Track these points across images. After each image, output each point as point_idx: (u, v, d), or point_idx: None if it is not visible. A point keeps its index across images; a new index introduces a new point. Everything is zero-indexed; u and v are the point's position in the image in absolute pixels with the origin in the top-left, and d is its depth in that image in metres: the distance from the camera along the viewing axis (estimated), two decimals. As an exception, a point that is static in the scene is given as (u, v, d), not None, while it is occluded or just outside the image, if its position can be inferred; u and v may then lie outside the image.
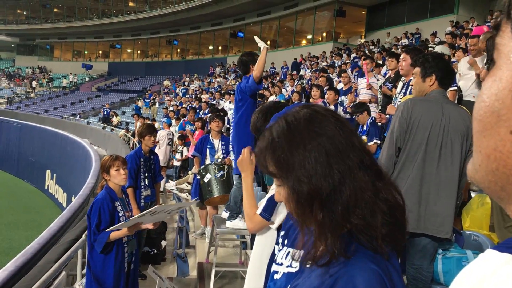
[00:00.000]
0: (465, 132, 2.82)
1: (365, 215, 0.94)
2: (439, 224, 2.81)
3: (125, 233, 3.37)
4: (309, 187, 0.95)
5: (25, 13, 46.19)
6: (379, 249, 0.93)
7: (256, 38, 4.74)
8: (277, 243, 1.64)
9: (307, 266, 1.03)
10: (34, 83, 42.52)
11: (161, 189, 9.55)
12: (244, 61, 4.76)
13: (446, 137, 2.79)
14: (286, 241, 1.54)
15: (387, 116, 5.36)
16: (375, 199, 0.95)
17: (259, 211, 2.15)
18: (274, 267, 1.54)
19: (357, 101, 7.58)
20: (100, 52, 45.70)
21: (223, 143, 6.62)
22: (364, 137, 6.22)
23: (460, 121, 2.82)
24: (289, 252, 1.50)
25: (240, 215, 4.63)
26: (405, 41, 19.05)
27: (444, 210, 2.80)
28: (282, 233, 1.61)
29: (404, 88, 4.63)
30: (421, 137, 2.80)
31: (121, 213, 3.54)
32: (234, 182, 4.92)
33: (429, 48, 10.78)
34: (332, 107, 7.48)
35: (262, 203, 2.18)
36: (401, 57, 4.58)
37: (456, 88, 5.44)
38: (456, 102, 5.29)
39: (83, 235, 4.28)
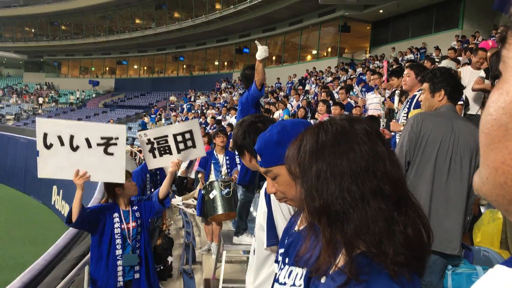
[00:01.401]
0: (474, 148, 2.81)
1: (376, 242, 0.92)
2: (448, 240, 2.78)
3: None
4: (319, 202, 0.95)
5: (33, 30, 46.78)
6: (395, 274, 0.91)
7: (256, 41, 4.72)
8: (276, 261, 1.60)
9: (322, 281, 1.02)
10: (40, 100, 42.89)
11: (168, 205, 9.55)
12: (248, 75, 4.78)
13: (456, 152, 2.77)
14: (287, 260, 1.50)
15: (392, 133, 5.36)
16: (388, 230, 0.93)
17: (264, 245, 2.10)
18: (276, 287, 1.52)
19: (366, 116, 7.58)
20: (107, 68, 46.11)
21: (227, 158, 6.62)
22: None
23: (469, 136, 2.81)
24: (291, 271, 1.46)
25: (246, 231, 4.61)
26: (410, 56, 19.10)
27: (452, 226, 2.78)
28: (281, 250, 1.56)
29: (408, 104, 4.63)
30: (430, 152, 2.79)
31: (116, 225, 3.58)
32: (239, 198, 4.91)
33: (436, 63, 10.80)
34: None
35: (261, 233, 2.14)
36: (405, 72, 4.59)
37: (462, 102, 5.44)
38: (462, 115, 5.29)
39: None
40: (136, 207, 3.72)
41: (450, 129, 2.81)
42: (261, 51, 4.49)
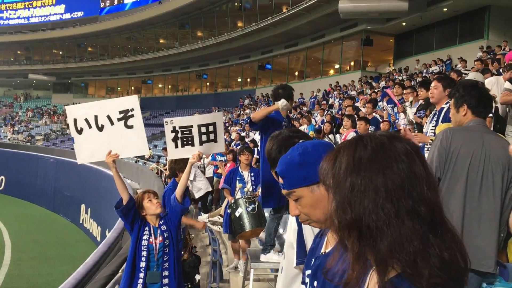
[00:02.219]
0: (506, 163, 2.74)
1: (411, 262, 0.90)
2: (482, 258, 2.70)
3: None
4: (351, 215, 0.94)
5: (61, 52, 48.09)
6: None
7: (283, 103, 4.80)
8: (303, 283, 1.58)
9: None
10: (68, 120, 43.80)
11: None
12: (281, 94, 4.82)
13: (487, 168, 2.71)
14: (316, 283, 1.47)
15: (420, 144, 5.27)
16: (424, 251, 0.90)
17: (294, 263, 2.09)
18: None
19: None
20: (133, 88, 46.95)
21: (252, 174, 6.64)
22: None
23: (501, 151, 2.74)
24: None
25: (274, 248, 4.59)
26: (435, 68, 18.88)
27: (486, 243, 2.70)
28: (308, 272, 1.55)
29: (436, 117, 4.55)
30: (461, 167, 2.73)
31: (145, 237, 3.70)
32: (267, 215, 4.89)
33: (463, 75, 10.63)
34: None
35: (291, 251, 2.12)
36: (432, 84, 4.53)
37: (491, 115, 5.33)
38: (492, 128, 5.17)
39: (120, 271, 4.31)
40: (163, 221, 3.79)
41: (480, 144, 2.75)
42: (283, 105, 4.66)
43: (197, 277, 5.97)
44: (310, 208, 1.47)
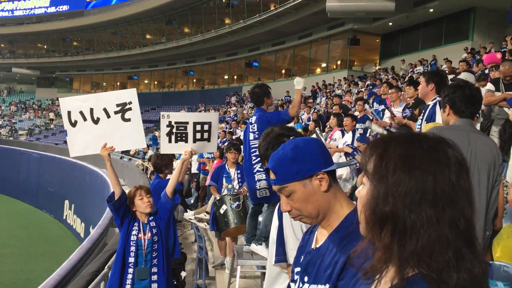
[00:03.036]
0: (492, 162, 2.77)
1: (439, 269, 0.90)
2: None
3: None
4: (391, 208, 0.93)
5: (45, 47, 47.46)
6: None
7: (297, 79, 4.82)
8: (292, 281, 1.59)
9: None
10: (51, 115, 43.35)
11: (179, 218, 9.55)
12: (258, 93, 4.85)
13: (473, 167, 2.74)
14: (306, 278, 1.50)
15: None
16: (456, 263, 0.90)
17: (273, 261, 2.10)
18: None
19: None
20: (118, 83, 46.54)
21: (238, 172, 6.66)
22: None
23: (487, 150, 2.78)
24: None
25: (257, 239, 4.59)
26: (420, 68, 19.06)
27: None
28: (297, 269, 1.57)
29: (422, 115, 4.57)
30: (447, 166, 2.75)
31: (134, 232, 3.70)
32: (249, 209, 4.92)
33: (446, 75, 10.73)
34: (350, 134, 7.46)
35: (272, 248, 2.13)
36: (420, 80, 4.58)
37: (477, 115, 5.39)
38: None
39: (106, 267, 4.28)
40: (152, 218, 3.78)
41: (467, 143, 2.78)
42: (299, 83, 4.72)
43: (183, 274, 5.95)
44: (302, 203, 1.48)
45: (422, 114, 4.47)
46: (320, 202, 1.48)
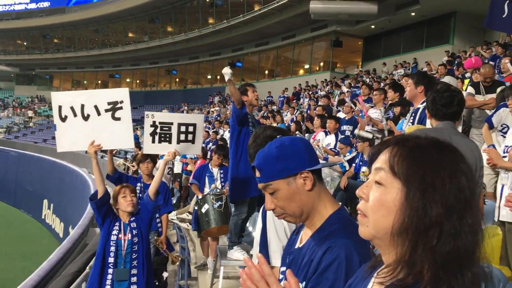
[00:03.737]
0: (473, 164, 2.81)
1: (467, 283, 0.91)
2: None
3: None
4: (437, 211, 0.92)
5: (25, 43, 46.72)
6: None
7: (225, 70, 4.82)
8: (279, 280, 1.60)
9: None
10: (30, 113, 42.67)
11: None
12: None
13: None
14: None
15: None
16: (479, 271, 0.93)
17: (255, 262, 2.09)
18: None
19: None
20: (99, 81, 46.04)
21: (221, 171, 6.66)
22: (365, 168, 6.21)
23: (469, 152, 2.82)
24: None
25: (236, 245, 4.60)
26: (401, 71, 19.28)
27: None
28: (283, 269, 1.59)
29: (412, 117, 4.57)
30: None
31: (114, 232, 3.67)
32: (232, 215, 4.90)
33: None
34: (333, 136, 7.51)
35: (256, 250, 2.13)
36: (404, 81, 4.61)
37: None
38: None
39: (87, 267, 4.22)
40: (134, 218, 3.74)
41: (449, 145, 2.81)
42: (226, 74, 4.65)
43: (165, 274, 5.91)
44: (286, 201, 1.48)
45: (411, 117, 4.47)
46: (304, 201, 1.48)
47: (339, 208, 1.52)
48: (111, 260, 3.61)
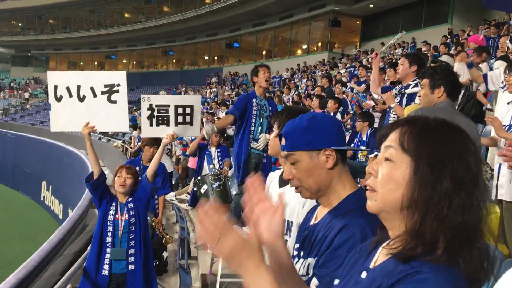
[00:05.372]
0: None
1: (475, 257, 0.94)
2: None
3: None
4: (446, 186, 0.94)
5: (20, 24, 46.20)
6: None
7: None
8: (292, 257, 1.61)
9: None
10: (26, 95, 42.43)
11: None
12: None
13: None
14: (302, 253, 1.54)
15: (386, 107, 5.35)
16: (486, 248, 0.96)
17: None
18: None
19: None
20: (96, 63, 45.71)
21: (218, 150, 6.69)
22: (363, 148, 6.22)
23: (469, 131, 2.82)
24: (309, 264, 1.48)
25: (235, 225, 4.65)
26: (399, 51, 19.15)
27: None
28: (297, 245, 1.61)
29: (401, 96, 4.60)
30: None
31: (111, 212, 3.70)
32: (233, 196, 4.95)
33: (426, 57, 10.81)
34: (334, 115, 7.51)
35: None
36: (400, 61, 4.62)
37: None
38: None
39: (89, 247, 4.25)
40: (131, 199, 3.76)
41: (450, 124, 2.82)
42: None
43: (165, 254, 5.97)
44: (305, 174, 1.50)
45: (399, 94, 4.51)
46: (322, 178, 1.49)
47: (358, 189, 1.54)
48: (108, 240, 3.65)
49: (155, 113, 3.68)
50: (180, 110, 3.69)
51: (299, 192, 1.56)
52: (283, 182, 2.11)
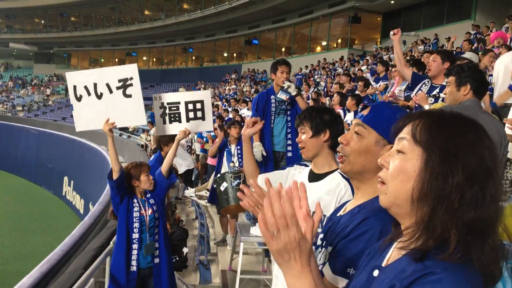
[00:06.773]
0: (498, 141, 2.78)
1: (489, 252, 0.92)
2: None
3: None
4: (457, 179, 0.92)
5: (43, 22, 46.92)
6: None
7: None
8: (314, 244, 1.61)
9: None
10: (48, 91, 43.11)
11: (180, 195, 9.59)
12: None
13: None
14: (324, 243, 1.55)
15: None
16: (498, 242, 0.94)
17: None
18: None
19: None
20: (117, 60, 46.17)
21: (238, 148, 6.67)
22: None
23: (494, 130, 2.78)
24: (329, 253, 1.49)
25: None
26: (421, 47, 18.89)
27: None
28: (321, 235, 1.61)
29: (434, 98, 4.49)
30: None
31: (135, 208, 3.72)
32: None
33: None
34: (352, 113, 7.44)
35: None
36: (431, 57, 4.54)
37: (490, 92, 5.38)
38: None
39: (111, 242, 4.30)
40: (150, 194, 3.81)
41: (475, 122, 2.77)
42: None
43: (185, 250, 6.01)
44: (358, 150, 1.51)
45: (435, 96, 4.40)
46: (370, 165, 1.49)
47: None
48: (135, 236, 3.68)
49: (167, 111, 3.72)
50: (190, 106, 3.71)
51: (339, 160, 1.56)
52: (313, 178, 2.10)
